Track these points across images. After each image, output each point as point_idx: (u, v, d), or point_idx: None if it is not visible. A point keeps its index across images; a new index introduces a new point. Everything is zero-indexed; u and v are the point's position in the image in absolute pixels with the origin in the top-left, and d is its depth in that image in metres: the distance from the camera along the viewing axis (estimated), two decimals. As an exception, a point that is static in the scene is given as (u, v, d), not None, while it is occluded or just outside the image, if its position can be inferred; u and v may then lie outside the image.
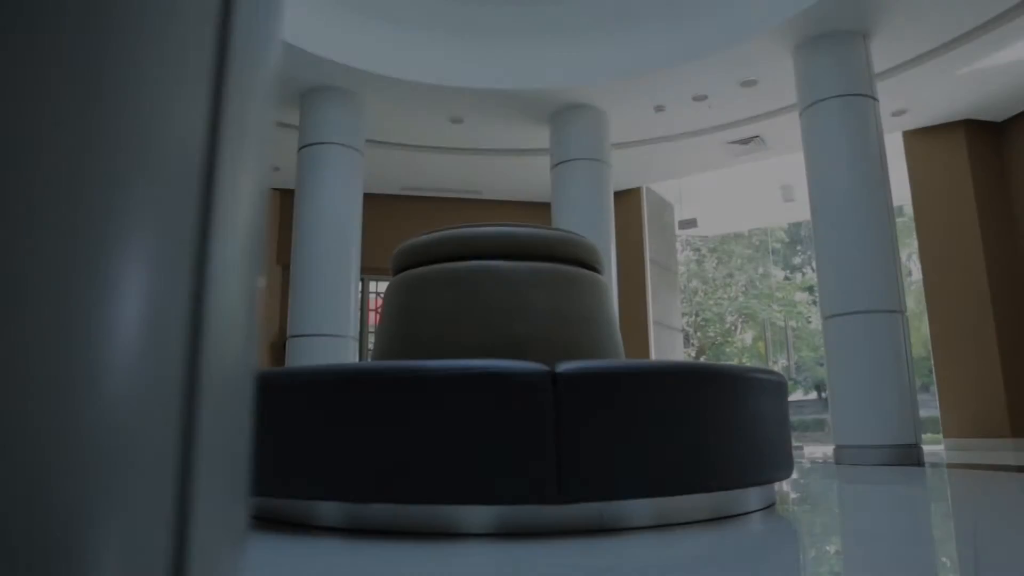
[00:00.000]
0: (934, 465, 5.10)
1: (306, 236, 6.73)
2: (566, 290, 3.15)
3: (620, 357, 3.22)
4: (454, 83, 7.02)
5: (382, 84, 6.92)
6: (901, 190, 7.70)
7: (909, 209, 9.26)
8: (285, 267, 8.81)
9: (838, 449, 5.51)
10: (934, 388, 8.16)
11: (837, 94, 5.86)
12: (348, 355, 6.63)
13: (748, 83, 6.96)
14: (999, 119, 8.00)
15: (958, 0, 5.68)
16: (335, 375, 2.26)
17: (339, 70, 6.64)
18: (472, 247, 3.22)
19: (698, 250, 20.96)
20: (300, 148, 6.97)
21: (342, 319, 6.61)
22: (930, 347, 8.12)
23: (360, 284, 9.62)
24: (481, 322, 2.98)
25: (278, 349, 8.99)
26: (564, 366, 2.23)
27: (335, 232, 6.76)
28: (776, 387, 2.69)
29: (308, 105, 7.04)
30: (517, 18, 7.08)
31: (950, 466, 5.08)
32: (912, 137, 8.26)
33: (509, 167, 9.31)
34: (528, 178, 9.55)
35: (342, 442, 2.10)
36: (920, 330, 10.92)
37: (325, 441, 2.14)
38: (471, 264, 3.16)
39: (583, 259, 3.32)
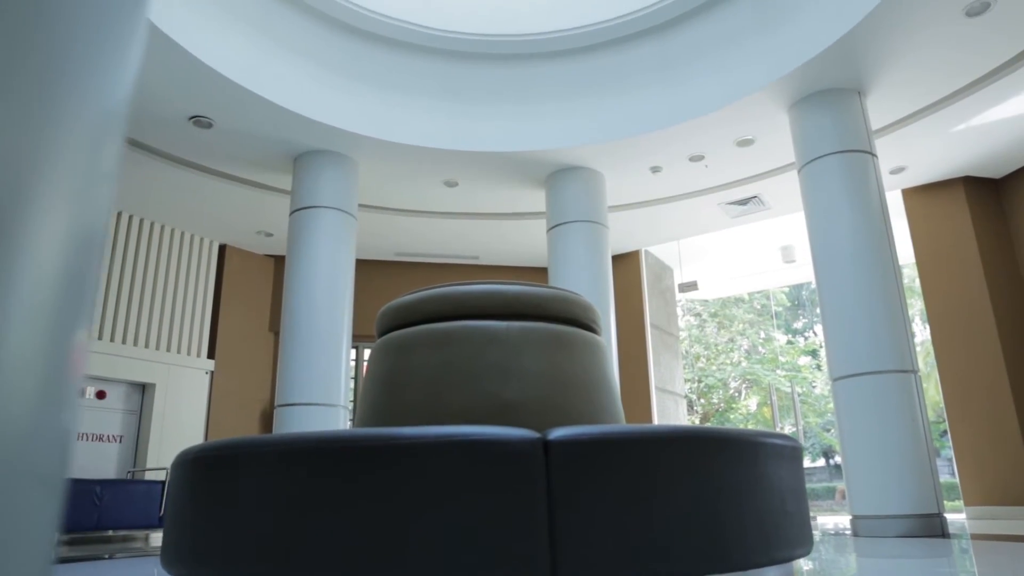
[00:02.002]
0: (957, 536, 4.78)
1: (297, 302, 6.55)
2: (560, 351, 2.95)
3: (620, 423, 2.98)
4: (448, 146, 6.97)
5: (375, 147, 6.87)
6: (903, 249, 7.57)
7: (911, 269, 9.13)
8: (277, 335, 8.63)
9: (855, 520, 5.19)
10: (948, 453, 7.84)
11: (835, 151, 5.79)
12: (338, 425, 6.37)
13: (744, 142, 6.91)
14: (998, 175, 7.93)
15: (949, 58, 5.67)
16: (293, 446, 2.03)
17: (332, 133, 6.59)
18: (460, 306, 3.03)
19: (699, 315, 20.78)
20: (292, 212, 6.87)
21: (332, 388, 6.38)
22: (943, 409, 7.84)
23: (353, 352, 9.39)
24: (469, 386, 2.77)
25: (269, 418, 8.72)
26: (557, 433, 2.01)
27: (326, 298, 6.59)
28: (791, 453, 2.45)
29: (301, 169, 6.97)
30: (511, 80, 7.09)
31: (974, 537, 4.77)
32: (912, 195, 8.18)
33: (505, 231, 9.22)
34: (525, 242, 9.45)
35: (302, 522, 1.86)
36: (928, 392, 10.63)
37: (283, 521, 1.89)
38: (459, 324, 2.96)
39: (579, 318, 3.12)
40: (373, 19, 6.55)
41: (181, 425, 8.24)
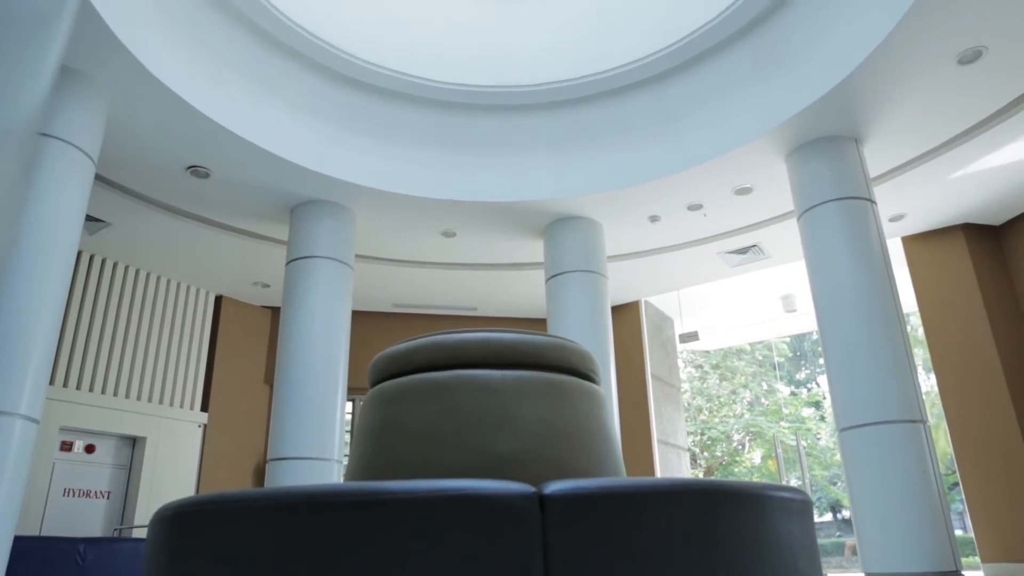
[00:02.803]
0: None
1: (291, 353, 6.45)
2: (558, 401, 2.84)
3: (620, 476, 2.86)
4: (446, 196, 6.96)
5: (373, 198, 6.86)
6: (904, 297, 7.51)
7: (914, 318, 9.04)
8: (273, 387, 8.51)
9: (868, 578, 4.99)
10: (958, 506, 7.62)
11: (834, 198, 5.77)
12: (331, 480, 6.20)
13: (743, 191, 6.91)
14: (997, 222, 7.92)
15: (944, 106, 5.69)
16: (277, 501, 1.92)
17: (329, 184, 6.59)
18: (454, 355, 2.93)
19: (700, 366, 20.61)
20: (288, 262, 6.82)
21: (327, 441, 6.22)
22: (951, 460, 7.65)
23: (349, 405, 9.23)
24: (462, 437, 2.66)
25: (263, 473, 8.53)
26: (554, 487, 1.89)
27: (322, 350, 6.49)
28: (801, 507, 2.33)
29: (298, 219, 6.95)
30: (508, 130, 7.13)
31: (995, 596, 4.56)
32: (912, 242, 8.15)
33: (504, 282, 9.17)
34: (524, 293, 9.40)
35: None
36: (936, 442, 10.42)
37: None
38: (452, 373, 2.86)
39: (577, 367, 3.01)
40: (370, 70, 6.61)
41: (172, 480, 8.04)
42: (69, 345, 7.41)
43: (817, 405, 20.26)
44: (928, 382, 13.19)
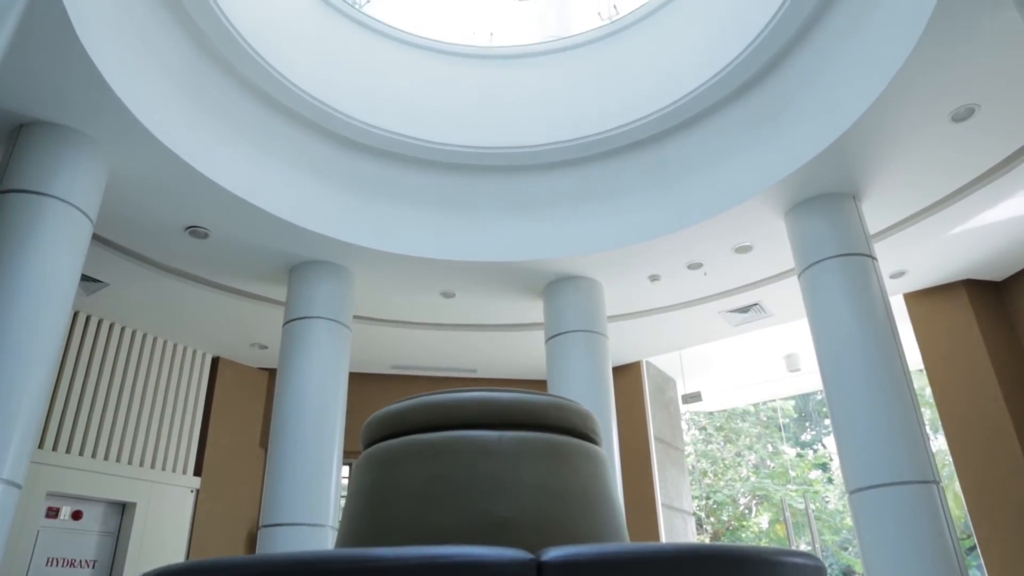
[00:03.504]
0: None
1: (286, 416, 6.32)
2: (557, 463, 2.73)
3: (623, 541, 2.73)
4: (445, 256, 6.94)
5: (372, 258, 6.84)
6: (909, 355, 7.41)
7: (920, 377, 8.91)
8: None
9: (886, 650, 4.75)
10: (975, 572, 7.35)
11: (835, 254, 5.74)
12: (326, 547, 5.98)
13: (743, 249, 6.89)
14: (999, 278, 7.88)
15: (939, 162, 5.72)
16: (262, 568, 1.81)
17: (328, 244, 6.58)
18: (449, 415, 2.84)
19: (704, 428, 20.30)
20: (285, 323, 6.76)
21: (321, 507, 6.04)
22: (965, 523, 7.41)
23: (345, 469, 9.03)
24: (458, 501, 2.55)
25: (255, 540, 8.28)
26: (553, 553, 1.79)
27: (317, 412, 6.37)
28: (814, 574, 2.20)
29: (296, 279, 6.92)
30: (507, 190, 7.17)
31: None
32: (914, 299, 8.10)
33: (504, 343, 9.08)
34: (524, 354, 9.30)
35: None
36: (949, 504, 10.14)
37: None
38: (448, 434, 2.76)
39: (577, 427, 2.92)
40: (370, 132, 6.68)
41: (162, 547, 7.78)
42: (61, 407, 7.27)
43: (824, 467, 19.86)
44: (936, 441, 12.95)
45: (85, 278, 6.82)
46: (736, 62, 6.03)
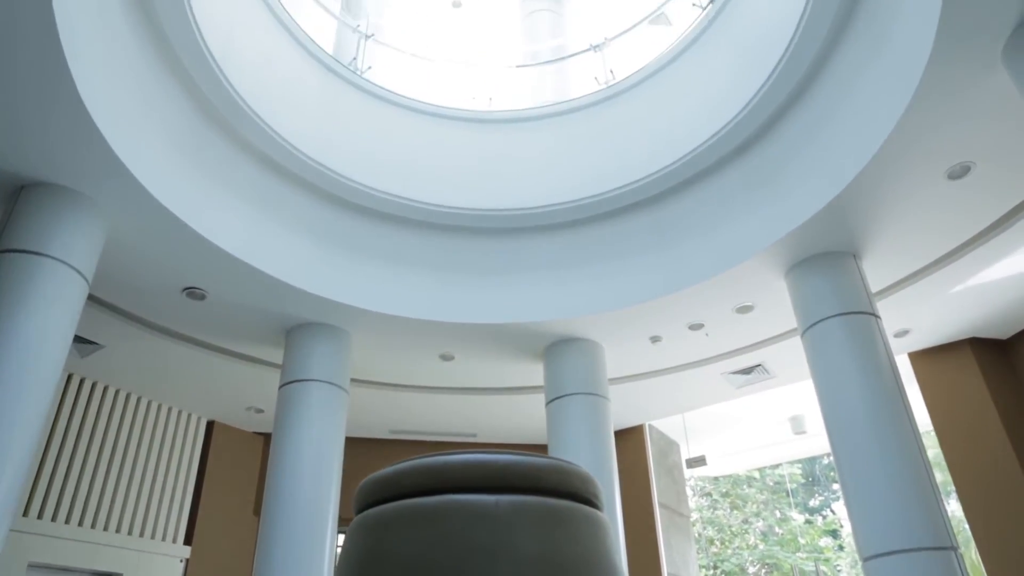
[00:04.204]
0: None
1: (280, 482, 6.15)
2: (557, 529, 2.59)
3: (627, 613, 2.58)
4: (444, 318, 6.87)
5: (370, 320, 6.77)
6: (917, 415, 7.26)
7: (929, 438, 8.72)
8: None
9: None
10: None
11: (837, 313, 5.67)
12: (317, 621, 5.73)
13: (744, 309, 6.83)
14: (1004, 336, 7.78)
15: (938, 220, 5.71)
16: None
17: (326, 306, 6.53)
18: (444, 478, 2.70)
19: (709, 494, 19.83)
20: (281, 386, 6.65)
21: (314, 577, 5.81)
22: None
23: (340, 537, 8.76)
24: (453, 569, 2.41)
25: (245, 616, 7.95)
26: (550, 626, 1.67)
27: (312, 478, 6.20)
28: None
29: (293, 342, 6.84)
30: (505, 252, 7.15)
31: None
32: (919, 359, 7.99)
33: (504, 406, 8.93)
34: (524, 418, 9.14)
35: None
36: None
37: None
38: (443, 499, 2.62)
39: (578, 491, 2.77)
40: (368, 194, 6.70)
41: (148, 622, 7.47)
42: (49, 472, 7.07)
43: (834, 533, 19.31)
44: (950, 506, 12.61)
45: (80, 339, 6.74)
46: (732, 124, 6.09)
